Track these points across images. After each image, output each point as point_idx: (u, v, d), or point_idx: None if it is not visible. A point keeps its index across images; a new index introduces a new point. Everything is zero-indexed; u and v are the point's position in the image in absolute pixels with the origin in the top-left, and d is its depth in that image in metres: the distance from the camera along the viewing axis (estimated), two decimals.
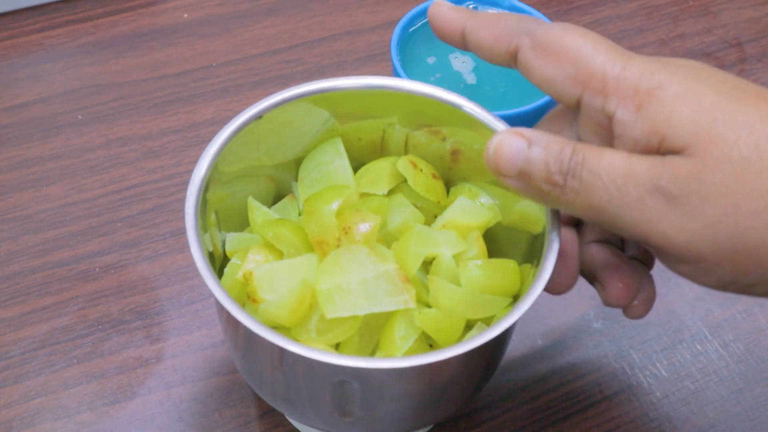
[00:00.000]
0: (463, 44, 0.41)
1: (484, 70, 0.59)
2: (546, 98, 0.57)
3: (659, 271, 0.56)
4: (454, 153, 0.47)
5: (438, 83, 0.51)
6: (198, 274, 0.39)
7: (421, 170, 0.47)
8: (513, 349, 0.52)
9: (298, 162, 0.48)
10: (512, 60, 0.39)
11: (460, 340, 0.42)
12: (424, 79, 0.57)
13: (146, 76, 0.64)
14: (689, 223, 0.34)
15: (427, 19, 0.61)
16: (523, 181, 0.37)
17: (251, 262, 0.43)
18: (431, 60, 0.59)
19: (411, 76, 0.57)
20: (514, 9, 0.61)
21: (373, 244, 0.43)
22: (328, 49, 0.66)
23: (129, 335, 0.52)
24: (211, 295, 0.39)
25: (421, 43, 0.60)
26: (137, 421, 0.49)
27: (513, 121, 0.45)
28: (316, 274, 0.41)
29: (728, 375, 0.52)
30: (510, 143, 0.37)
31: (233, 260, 0.45)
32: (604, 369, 0.52)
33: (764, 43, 0.69)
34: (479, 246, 0.45)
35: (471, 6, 0.62)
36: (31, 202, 0.57)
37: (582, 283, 0.55)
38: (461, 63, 0.59)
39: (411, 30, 0.60)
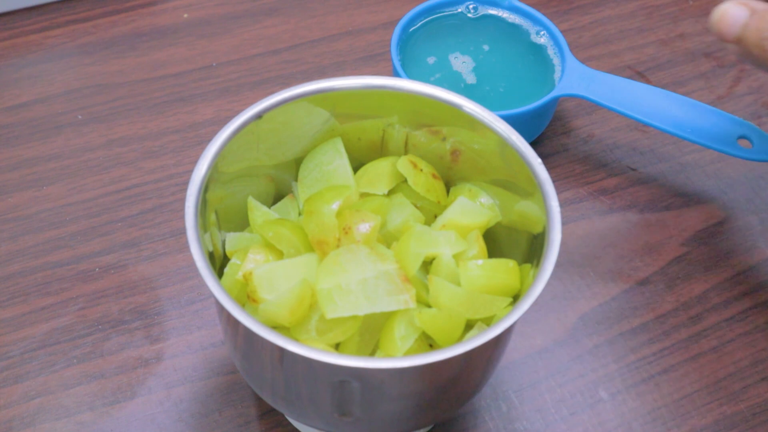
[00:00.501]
0: None
1: (484, 69, 0.59)
2: (546, 98, 0.57)
3: (659, 271, 0.56)
4: (454, 153, 0.47)
5: (438, 83, 0.51)
6: (198, 274, 0.39)
7: (421, 170, 0.47)
8: (513, 349, 0.52)
9: (298, 162, 0.48)
10: None
11: (460, 340, 0.42)
12: (424, 79, 0.57)
13: (146, 76, 0.64)
14: None
15: (427, 19, 0.61)
16: (740, 45, 0.42)
17: (251, 262, 0.44)
18: (431, 60, 0.59)
19: (411, 76, 0.57)
20: (514, 9, 0.61)
21: (373, 244, 0.43)
22: (328, 49, 0.66)
23: (129, 335, 0.52)
24: (211, 295, 0.39)
25: (421, 43, 0.60)
26: (137, 421, 0.49)
27: (513, 121, 0.45)
28: (316, 274, 0.41)
29: (728, 375, 0.52)
30: (733, 11, 0.42)
31: (233, 260, 0.45)
32: (604, 369, 0.52)
33: None
34: (479, 246, 0.45)
35: (471, 6, 0.62)
36: (31, 202, 0.57)
37: (581, 283, 0.55)
38: (461, 63, 0.59)
39: (411, 30, 0.60)
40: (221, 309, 0.40)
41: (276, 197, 0.48)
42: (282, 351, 0.37)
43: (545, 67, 0.59)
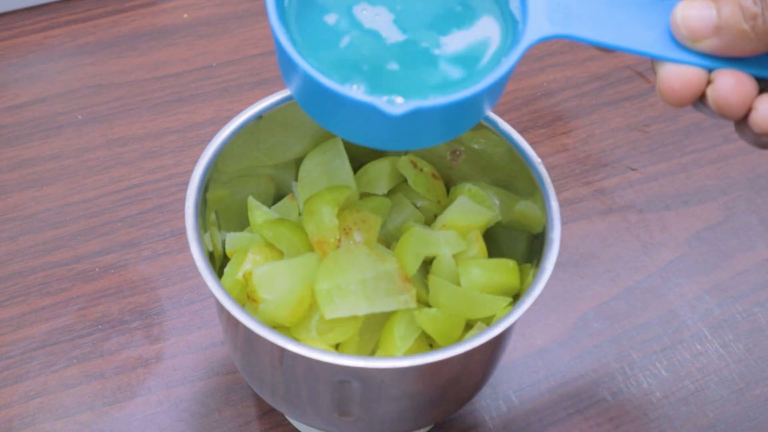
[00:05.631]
0: None
1: (411, 19, 0.39)
2: (509, 67, 0.37)
3: (659, 271, 0.56)
4: (454, 153, 0.47)
5: (350, 50, 0.37)
6: (198, 274, 0.39)
7: (421, 170, 0.47)
8: (513, 349, 0.52)
9: (298, 162, 0.48)
10: None
11: (460, 340, 0.42)
12: (329, 51, 0.38)
13: (146, 76, 0.64)
14: None
15: None
16: (721, 35, 0.34)
17: (251, 262, 0.44)
18: (331, 19, 0.39)
19: (308, 50, 0.38)
20: None
21: (373, 244, 0.43)
22: None
23: (129, 335, 0.52)
24: (211, 295, 0.39)
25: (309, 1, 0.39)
26: (137, 421, 0.49)
27: (467, 107, 0.36)
28: (316, 274, 0.41)
29: (728, 375, 0.52)
30: (695, 11, 0.34)
31: (233, 260, 0.45)
32: (604, 369, 0.52)
33: None
34: (479, 246, 0.45)
35: None
36: (31, 202, 0.57)
37: (581, 283, 0.55)
38: (374, 17, 0.39)
39: None
40: (221, 309, 0.40)
41: (276, 197, 0.48)
42: (282, 351, 0.37)
43: None
